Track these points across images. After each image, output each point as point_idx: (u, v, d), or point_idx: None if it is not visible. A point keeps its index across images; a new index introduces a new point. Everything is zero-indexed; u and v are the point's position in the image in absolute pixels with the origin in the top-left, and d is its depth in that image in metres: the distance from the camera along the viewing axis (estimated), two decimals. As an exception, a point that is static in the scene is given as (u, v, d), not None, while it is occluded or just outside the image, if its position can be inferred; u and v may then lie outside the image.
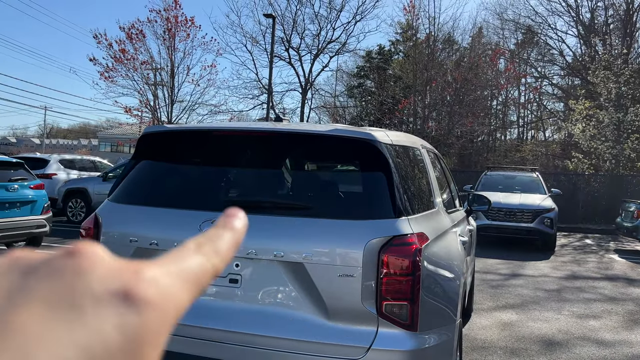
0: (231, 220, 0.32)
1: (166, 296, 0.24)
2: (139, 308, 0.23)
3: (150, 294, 0.23)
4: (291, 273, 2.17)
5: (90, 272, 0.23)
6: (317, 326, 2.11)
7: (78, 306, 0.22)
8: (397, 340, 2.07)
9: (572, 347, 4.65)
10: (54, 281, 0.22)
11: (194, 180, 2.59)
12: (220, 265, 0.29)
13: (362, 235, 2.12)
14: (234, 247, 0.31)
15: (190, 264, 0.27)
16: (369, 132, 2.36)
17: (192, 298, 0.26)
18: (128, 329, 0.22)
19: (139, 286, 0.23)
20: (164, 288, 0.24)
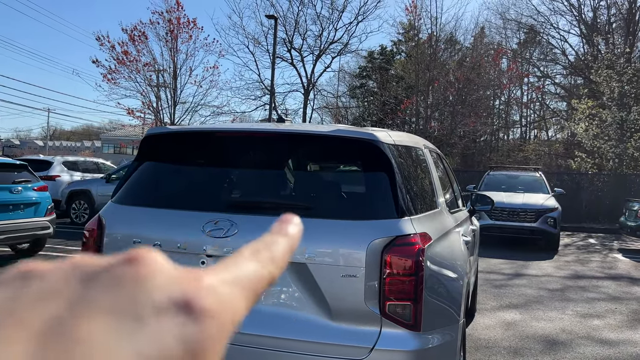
0: (286, 226, 0.32)
1: (224, 305, 0.24)
2: (199, 318, 0.23)
3: (210, 303, 0.23)
4: (294, 273, 2.17)
5: (151, 281, 0.23)
6: (320, 326, 2.11)
7: (139, 316, 0.22)
8: (400, 340, 2.08)
9: (576, 346, 4.64)
10: (115, 290, 0.22)
11: (196, 181, 2.60)
12: (276, 272, 0.29)
13: (365, 236, 2.13)
14: (289, 253, 0.31)
15: (247, 271, 0.27)
16: (371, 132, 2.36)
17: (249, 306, 0.26)
18: (188, 339, 0.22)
19: (199, 295, 0.23)
20: (222, 296, 0.24)
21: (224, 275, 0.26)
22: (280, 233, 0.31)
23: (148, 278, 0.23)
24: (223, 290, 0.25)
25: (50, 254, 8.50)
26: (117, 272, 0.23)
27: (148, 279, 0.23)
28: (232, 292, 0.25)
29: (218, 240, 2.22)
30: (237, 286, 0.26)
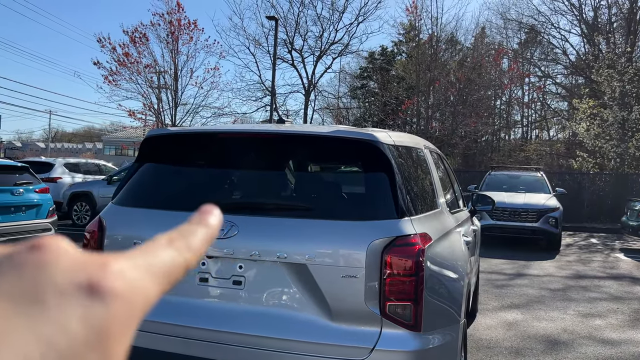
0: (205, 217, 0.32)
1: (133, 289, 0.24)
2: (105, 300, 0.22)
3: (117, 286, 0.23)
4: (295, 274, 2.17)
5: (54, 265, 0.23)
6: (320, 327, 2.12)
7: (41, 300, 0.21)
8: (401, 340, 2.08)
9: (578, 346, 4.64)
10: (16, 275, 0.22)
11: (197, 182, 2.60)
12: (193, 260, 0.29)
13: (365, 236, 2.13)
14: (207, 242, 0.31)
15: (161, 258, 0.27)
16: (371, 133, 2.36)
17: (161, 291, 0.26)
18: (93, 322, 0.22)
19: (105, 278, 0.23)
20: (131, 281, 0.24)
21: (135, 260, 0.25)
22: (200, 223, 0.32)
23: (52, 263, 0.23)
24: (132, 274, 0.24)
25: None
26: (19, 258, 0.23)
27: (51, 263, 0.23)
28: (143, 277, 0.25)
29: (218, 241, 2.23)
30: (149, 271, 0.25)
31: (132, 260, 0.25)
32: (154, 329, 2.28)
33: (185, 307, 2.28)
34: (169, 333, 2.26)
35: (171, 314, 2.28)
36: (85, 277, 0.23)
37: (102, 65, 18.73)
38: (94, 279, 0.23)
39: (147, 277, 0.25)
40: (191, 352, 2.20)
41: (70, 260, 0.24)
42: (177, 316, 2.26)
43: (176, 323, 2.26)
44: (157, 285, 0.26)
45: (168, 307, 2.31)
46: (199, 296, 2.29)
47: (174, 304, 2.30)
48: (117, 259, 0.25)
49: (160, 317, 2.29)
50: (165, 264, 0.27)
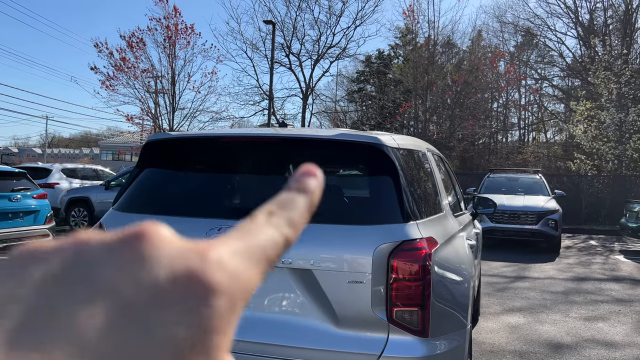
0: (306, 181, 0.29)
1: (234, 279, 0.22)
2: (207, 294, 0.21)
3: (217, 279, 0.22)
4: (299, 280, 2.14)
5: (154, 258, 0.21)
6: (326, 334, 2.08)
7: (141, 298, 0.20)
8: (408, 347, 2.04)
9: (582, 349, 4.61)
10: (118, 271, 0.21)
11: (199, 187, 2.57)
12: (293, 236, 0.26)
13: (371, 241, 2.09)
14: (308, 211, 0.28)
15: (260, 239, 0.24)
16: (375, 136, 2.34)
17: (262, 276, 0.24)
18: (195, 319, 0.21)
19: (206, 271, 0.22)
20: (232, 270, 0.22)
21: (235, 245, 0.24)
22: (299, 189, 0.28)
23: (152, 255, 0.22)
24: (233, 263, 0.23)
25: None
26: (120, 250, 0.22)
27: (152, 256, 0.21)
28: (244, 264, 0.23)
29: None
30: (249, 257, 0.24)
31: (231, 246, 0.23)
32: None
33: None
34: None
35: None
36: (185, 269, 0.21)
37: (99, 70, 18.70)
38: (195, 272, 0.21)
39: (248, 264, 0.23)
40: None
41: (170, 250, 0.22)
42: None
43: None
44: (258, 271, 0.24)
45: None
46: (202, 303, 2.26)
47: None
48: (217, 245, 0.23)
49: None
50: (266, 246, 0.24)
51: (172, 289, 0.21)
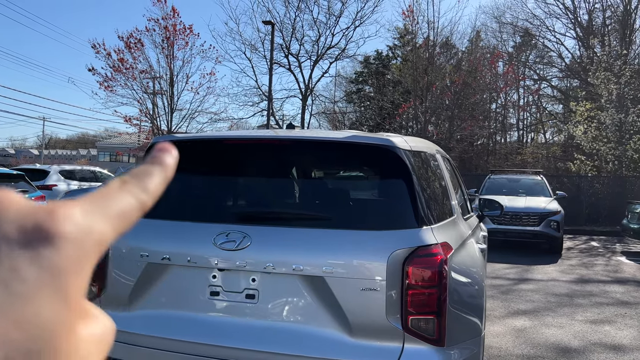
0: (161, 155, 0.32)
1: (83, 231, 0.25)
2: (54, 242, 0.24)
3: (66, 229, 0.24)
4: (311, 287, 2.07)
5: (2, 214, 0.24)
6: (339, 343, 2.01)
7: None
8: (424, 356, 1.97)
9: (590, 353, 4.54)
10: None
11: (206, 191, 2.49)
12: (148, 201, 0.29)
13: (385, 247, 2.02)
14: (163, 182, 0.31)
15: (114, 202, 0.27)
16: (388, 138, 2.27)
17: (116, 233, 0.27)
18: (43, 262, 0.23)
19: (53, 223, 0.24)
20: (81, 223, 0.25)
21: (87, 205, 0.26)
22: (155, 163, 0.31)
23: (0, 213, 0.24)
24: (83, 218, 0.25)
25: None
26: None
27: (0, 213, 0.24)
28: (94, 220, 0.26)
29: (230, 253, 2.12)
30: (101, 215, 0.26)
31: (83, 206, 0.26)
32: (163, 345, 2.17)
33: (196, 322, 2.17)
34: (179, 350, 2.15)
35: (181, 330, 2.17)
36: (33, 223, 0.24)
37: (97, 72, 18.59)
38: (42, 224, 0.24)
39: (99, 221, 0.26)
40: (203, 370, 2.09)
41: (18, 208, 0.25)
42: (187, 332, 2.15)
43: (186, 339, 2.15)
44: (111, 228, 0.27)
45: (177, 322, 2.20)
46: (209, 311, 2.18)
47: (184, 320, 2.19)
48: (67, 205, 0.26)
49: (170, 334, 2.18)
50: (119, 207, 0.27)
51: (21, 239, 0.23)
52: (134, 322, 2.27)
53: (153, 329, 2.21)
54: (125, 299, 2.31)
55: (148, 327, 2.23)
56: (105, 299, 2.37)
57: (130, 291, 2.30)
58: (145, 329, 2.23)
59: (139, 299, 2.29)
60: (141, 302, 2.29)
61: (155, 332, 2.20)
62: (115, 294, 2.35)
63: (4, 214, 0.24)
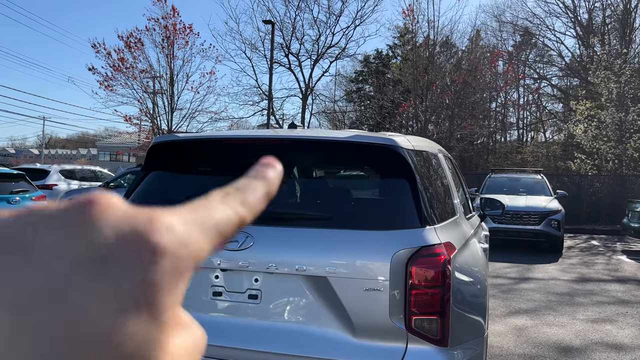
0: (265, 170, 0.31)
1: (182, 243, 0.24)
2: (152, 253, 0.23)
3: (164, 240, 0.23)
4: (314, 287, 2.06)
5: (102, 221, 0.23)
6: (342, 343, 2.01)
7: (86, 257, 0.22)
8: (427, 357, 1.97)
9: (591, 352, 4.54)
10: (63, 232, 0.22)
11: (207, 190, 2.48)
12: (248, 216, 0.28)
13: (389, 247, 2.02)
14: (265, 198, 0.30)
15: (213, 214, 0.26)
16: (390, 138, 2.26)
17: (212, 247, 0.26)
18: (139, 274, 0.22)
19: (153, 232, 0.23)
20: (180, 235, 0.24)
21: (186, 216, 0.25)
22: (258, 177, 0.30)
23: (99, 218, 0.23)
24: (182, 229, 0.24)
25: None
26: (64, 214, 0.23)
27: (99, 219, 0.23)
28: (193, 232, 0.25)
29: (233, 253, 2.12)
30: (199, 227, 0.25)
31: (182, 216, 0.25)
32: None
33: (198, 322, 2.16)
34: (181, 351, 2.14)
35: (183, 331, 2.16)
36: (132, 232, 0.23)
37: (97, 71, 18.58)
38: (142, 233, 0.23)
39: (197, 232, 0.25)
40: (205, 370, 2.08)
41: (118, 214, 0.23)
42: (190, 333, 2.15)
43: (189, 340, 2.14)
44: (208, 241, 0.26)
45: (180, 323, 2.19)
46: (212, 311, 2.18)
47: (186, 320, 2.18)
48: (167, 214, 0.25)
49: (172, 334, 2.17)
50: (217, 220, 0.26)
51: (119, 248, 0.22)
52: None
53: (155, 330, 2.21)
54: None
55: (150, 327, 2.22)
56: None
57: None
58: (148, 329, 2.22)
59: (141, 299, 2.29)
60: (143, 302, 2.28)
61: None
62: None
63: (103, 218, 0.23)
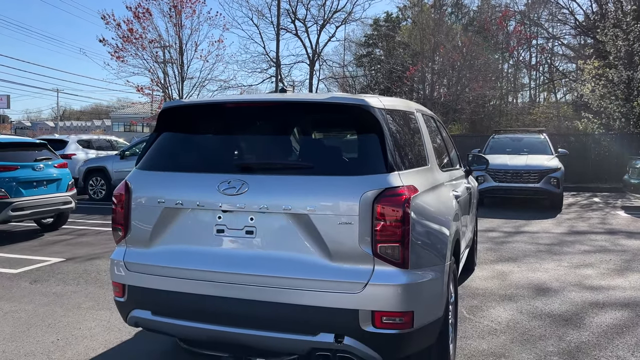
0: None
1: None
2: None
3: None
4: (298, 223, 2.51)
5: None
6: (322, 267, 2.46)
7: None
8: (390, 276, 2.42)
9: (566, 292, 4.98)
10: None
11: (210, 147, 2.93)
12: None
13: (358, 189, 2.45)
14: None
15: None
16: (363, 98, 2.66)
17: None
18: None
19: None
20: None
21: None
22: None
23: None
24: None
25: (73, 228, 8.97)
26: None
27: None
28: None
29: (232, 197, 2.57)
30: None
31: None
32: (179, 274, 2.65)
33: (205, 254, 2.64)
34: (192, 277, 2.62)
35: (193, 261, 2.64)
36: None
37: (108, 42, 18.93)
38: None
39: None
40: (211, 292, 2.57)
41: None
42: (198, 262, 2.63)
43: (197, 268, 2.62)
44: None
45: (190, 255, 2.67)
46: (216, 245, 2.65)
47: (195, 253, 2.66)
48: None
49: (184, 264, 2.66)
50: None
51: None
52: (154, 256, 2.75)
53: (170, 261, 2.69)
54: (147, 238, 2.78)
55: (166, 259, 2.70)
56: (130, 239, 2.85)
57: (150, 232, 2.77)
58: (164, 261, 2.71)
59: (157, 238, 2.76)
60: (159, 240, 2.76)
61: (172, 263, 2.68)
62: (138, 235, 2.82)
63: None
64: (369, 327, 2.40)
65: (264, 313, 2.50)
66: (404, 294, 2.42)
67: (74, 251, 6.95)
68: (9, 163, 7.50)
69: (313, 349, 2.47)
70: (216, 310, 2.58)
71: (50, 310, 4.46)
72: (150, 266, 2.75)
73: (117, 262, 2.88)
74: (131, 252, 2.86)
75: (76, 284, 5.32)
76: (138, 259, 2.81)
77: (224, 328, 2.57)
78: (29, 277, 5.61)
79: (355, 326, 2.40)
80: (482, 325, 4.04)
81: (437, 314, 2.70)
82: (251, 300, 2.53)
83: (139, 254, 2.83)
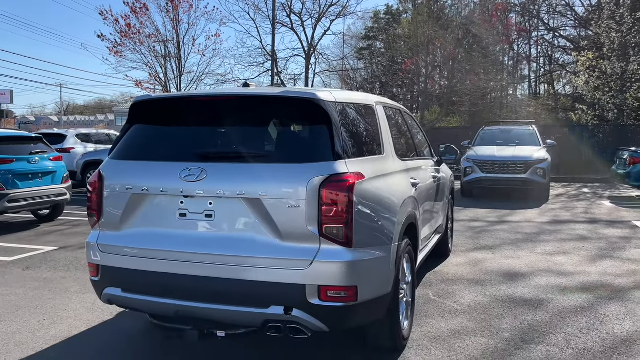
0: None
1: None
2: None
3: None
4: (252, 207, 2.74)
5: None
6: (273, 246, 2.69)
7: None
8: (335, 254, 2.65)
9: (534, 277, 5.20)
10: None
11: (174, 137, 3.16)
12: None
13: (306, 175, 2.67)
14: None
15: None
16: (313, 92, 2.88)
17: None
18: None
19: None
20: None
21: None
22: None
23: None
24: None
25: (68, 219, 9.24)
26: None
27: None
28: None
29: (192, 183, 2.80)
30: None
31: None
32: (144, 254, 2.89)
33: (169, 236, 2.88)
34: (157, 257, 2.86)
35: (158, 242, 2.88)
36: None
37: (106, 38, 19.17)
38: None
39: None
40: (174, 270, 2.81)
41: None
42: (163, 243, 2.87)
43: (163, 249, 2.86)
44: None
45: (156, 237, 2.91)
46: (179, 228, 2.88)
47: (160, 235, 2.90)
48: None
49: (150, 245, 2.90)
50: None
51: None
52: (124, 238, 2.99)
53: (138, 243, 2.93)
54: (118, 222, 3.03)
55: (134, 241, 2.95)
56: (103, 224, 3.10)
57: (120, 216, 3.01)
58: (133, 243, 2.95)
59: (127, 221, 3.00)
60: (129, 224, 3.00)
61: (139, 245, 2.92)
62: (110, 220, 3.07)
63: None
64: (316, 300, 2.63)
65: (221, 289, 2.74)
66: (348, 270, 2.65)
67: (67, 240, 7.22)
68: (5, 156, 7.76)
69: (265, 320, 2.71)
70: (179, 286, 2.82)
71: (39, 294, 4.73)
72: (120, 247, 3.00)
73: (92, 245, 3.12)
74: (104, 235, 3.10)
75: (66, 270, 5.59)
76: (110, 241, 3.05)
77: (186, 303, 2.81)
78: (22, 264, 5.88)
79: (303, 299, 2.64)
80: (445, 307, 4.27)
81: (383, 290, 2.93)
82: (210, 277, 2.76)
83: (111, 237, 3.07)
